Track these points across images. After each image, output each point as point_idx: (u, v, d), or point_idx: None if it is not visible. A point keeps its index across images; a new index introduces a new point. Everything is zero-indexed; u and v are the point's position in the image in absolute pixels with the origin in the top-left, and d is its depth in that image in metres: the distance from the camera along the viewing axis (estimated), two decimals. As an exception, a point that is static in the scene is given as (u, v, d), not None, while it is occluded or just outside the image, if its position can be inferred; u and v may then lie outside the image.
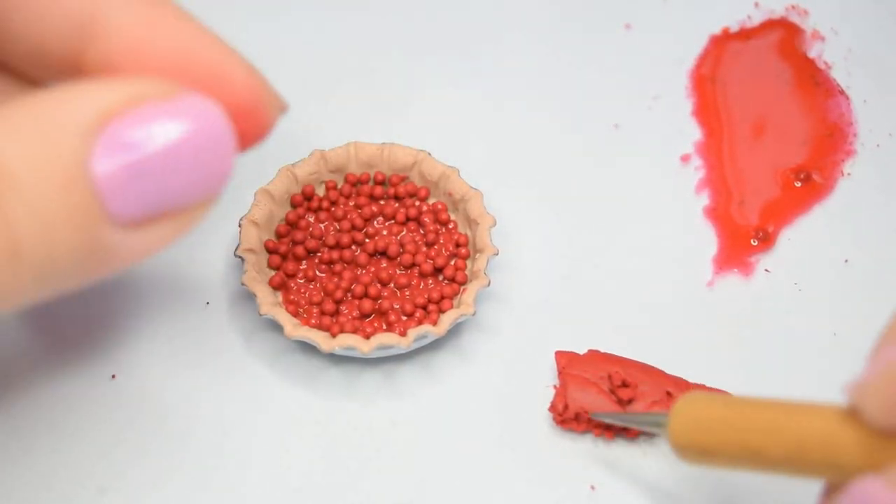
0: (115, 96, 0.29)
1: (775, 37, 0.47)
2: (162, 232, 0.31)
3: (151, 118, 0.29)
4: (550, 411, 0.39)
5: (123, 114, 0.29)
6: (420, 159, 0.42)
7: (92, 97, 0.29)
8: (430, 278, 0.40)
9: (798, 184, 0.44)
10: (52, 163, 0.28)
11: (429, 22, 0.47)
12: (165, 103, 0.30)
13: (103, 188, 0.29)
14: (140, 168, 0.29)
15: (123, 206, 0.30)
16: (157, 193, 0.30)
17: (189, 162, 0.30)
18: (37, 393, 0.39)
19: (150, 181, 0.30)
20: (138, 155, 0.29)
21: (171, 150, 0.30)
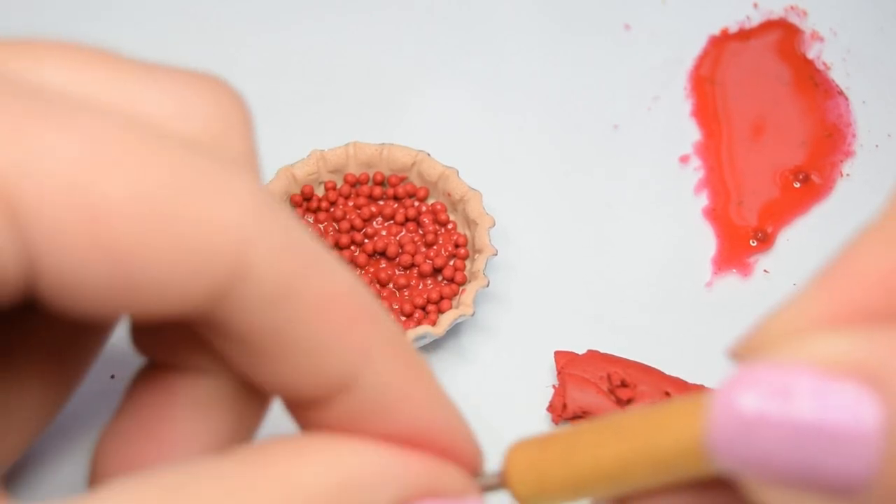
0: (417, 478, 0.28)
1: (774, 37, 0.47)
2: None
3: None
4: (549, 411, 0.39)
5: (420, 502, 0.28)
6: (419, 160, 0.42)
7: (393, 479, 0.28)
8: (429, 279, 0.40)
9: (797, 184, 0.44)
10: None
11: (428, 23, 0.47)
12: (457, 501, 0.29)
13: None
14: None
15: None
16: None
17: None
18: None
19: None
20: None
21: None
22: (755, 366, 0.23)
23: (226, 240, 0.25)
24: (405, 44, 0.47)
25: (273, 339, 0.27)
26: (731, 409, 0.23)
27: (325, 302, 0.27)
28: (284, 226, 0.26)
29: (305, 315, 0.27)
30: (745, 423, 0.22)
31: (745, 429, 0.22)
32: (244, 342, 0.27)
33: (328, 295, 0.27)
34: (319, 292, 0.27)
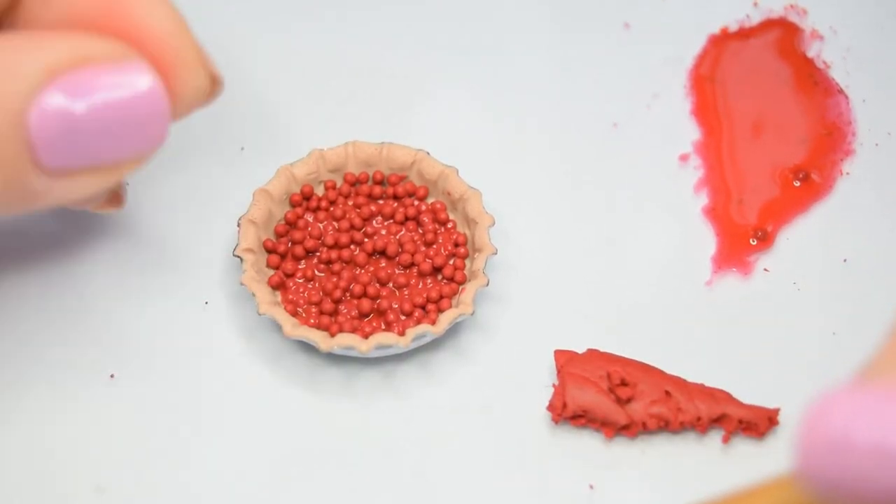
0: (64, 54, 0.30)
1: (774, 36, 0.47)
2: (87, 182, 0.32)
3: (93, 80, 0.30)
4: (549, 410, 0.39)
5: (68, 72, 0.30)
6: (419, 159, 0.42)
7: (42, 51, 0.30)
8: (429, 278, 0.40)
9: (797, 183, 0.44)
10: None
11: (427, 21, 0.47)
12: (109, 67, 0.31)
13: (36, 140, 0.30)
14: (74, 126, 0.30)
15: (52, 158, 0.31)
16: (86, 151, 0.31)
17: (122, 127, 0.31)
18: (36, 392, 0.39)
19: (82, 139, 0.31)
20: (74, 113, 0.30)
21: (105, 114, 0.31)
22: (852, 387, 0.22)
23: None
24: (405, 43, 0.47)
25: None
26: (823, 429, 0.22)
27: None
28: None
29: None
30: (837, 443, 0.22)
31: (837, 446, 0.22)
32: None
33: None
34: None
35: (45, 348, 0.40)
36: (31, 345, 0.40)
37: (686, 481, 0.38)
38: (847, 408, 0.22)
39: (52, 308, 0.40)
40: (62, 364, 0.40)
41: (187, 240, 0.42)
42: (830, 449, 0.22)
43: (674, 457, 0.39)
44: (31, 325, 0.40)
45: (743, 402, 0.39)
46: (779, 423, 0.39)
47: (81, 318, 0.41)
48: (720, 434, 0.39)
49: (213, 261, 0.42)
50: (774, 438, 0.39)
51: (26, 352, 0.40)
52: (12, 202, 0.31)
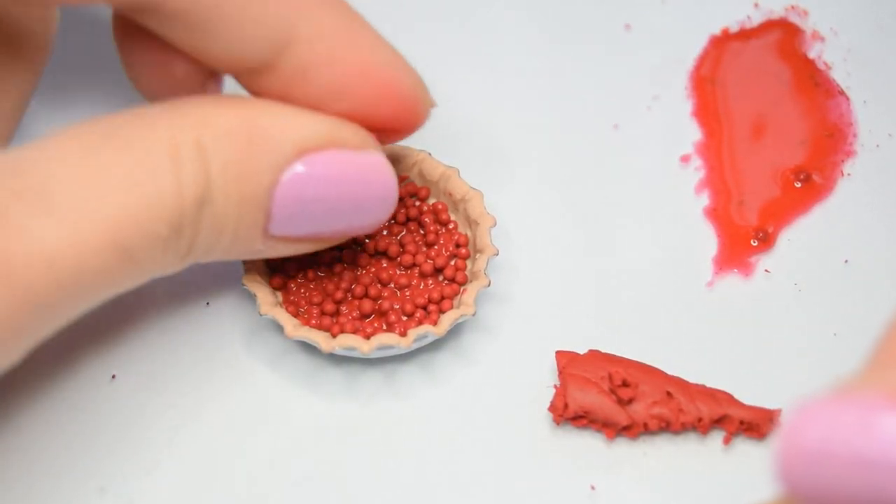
0: (318, 133, 0.33)
1: (775, 37, 0.47)
2: (303, 247, 0.35)
3: (339, 164, 0.33)
4: (550, 411, 0.39)
5: (318, 152, 0.33)
6: (420, 159, 0.42)
7: (297, 128, 0.32)
8: (431, 278, 0.40)
9: (798, 184, 0.44)
10: (245, 182, 0.32)
11: (428, 21, 0.47)
12: (356, 154, 0.33)
13: (275, 212, 0.33)
14: (312, 205, 0.33)
15: (283, 229, 0.33)
16: (312, 224, 0.34)
17: (352, 211, 0.34)
18: (37, 393, 0.39)
19: (315, 217, 0.33)
20: (315, 193, 0.33)
21: (343, 198, 0.33)
22: (833, 396, 0.22)
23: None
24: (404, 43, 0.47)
25: (211, 12, 0.31)
26: (797, 443, 0.22)
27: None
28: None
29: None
30: (818, 452, 0.22)
31: (813, 461, 0.22)
32: (179, 18, 0.31)
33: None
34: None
35: (46, 348, 0.40)
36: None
37: (687, 482, 0.38)
38: (826, 418, 0.22)
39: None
40: (62, 364, 0.40)
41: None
42: (810, 460, 0.22)
43: (675, 458, 0.39)
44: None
45: (744, 403, 0.39)
46: (780, 424, 0.39)
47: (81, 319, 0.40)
48: (721, 435, 0.39)
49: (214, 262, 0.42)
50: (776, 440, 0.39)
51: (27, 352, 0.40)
52: (233, 254, 0.34)
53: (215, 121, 0.31)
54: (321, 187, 0.33)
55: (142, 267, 0.31)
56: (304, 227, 0.33)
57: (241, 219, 0.32)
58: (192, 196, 0.31)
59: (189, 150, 0.31)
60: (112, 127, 0.31)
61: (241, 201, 0.32)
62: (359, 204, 0.34)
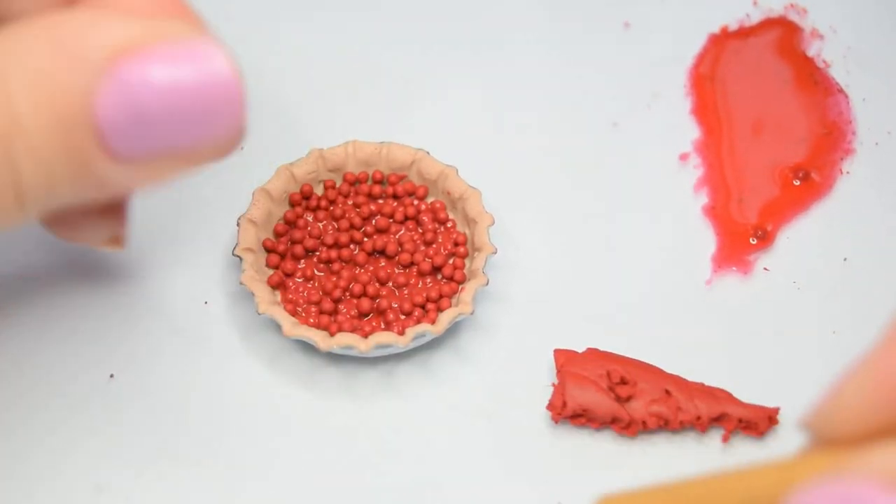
0: (130, 33, 0.29)
1: (774, 35, 0.47)
2: (160, 168, 0.30)
3: (160, 60, 0.29)
4: (548, 409, 0.39)
5: (134, 53, 0.29)
6: (418, 158, 0.42)
7: (106, 32, 0.29)
8: (429, 277, 0.40)
9: (797, 182, 0.44)
10: (58, 102, 0.28)
11: (427, 20, 0.47)
12: (177, 46, 0.29)
13: (105, 128, 0.29)
14: (142, 111, 0.29)
15: (123, 145, 0.29)
16: (156, 136, 0.29)
17: (193, 111, 0.29)
18: (36, 392, 0.39)
19: (151, 124, 0.29)
20: (142, 97, 0.29)
21: (175, 97, 0.29)
22: (827, 484, 0.23)
23: None
24: (404, 42, 0.47)
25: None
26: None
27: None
28: None
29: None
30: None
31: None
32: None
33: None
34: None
35: (46, 348, 0.40)
36: (31, 345, 0.40)
37: (686, 480, 0.38)
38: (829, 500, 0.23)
39: (52, 308, 0.40)
40: (62, 364, 0.40)
41: (187, 239, 0.42)
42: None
43: (673, 456, 0.39)
44: (32, 324, 0.40)
45: (743, 401, 0.39)
46: (778, 423, 0.39)
47: (81, 318, 0.41)
48: (720, 433, 0.39)
49: (212, 260, 0.42)
50: (774, 438, 0.39)
51: (27, 352, 0.40)
52: (83, 190, 0.30)
53: (13, 34, 0.28)
54: (151, 90, 0.29)
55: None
56: (147, 141, 0.29)
57: (67, 143, 0.29)
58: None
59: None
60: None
61: (59, 123, 0.28)
62: (199, 102, 0.29)
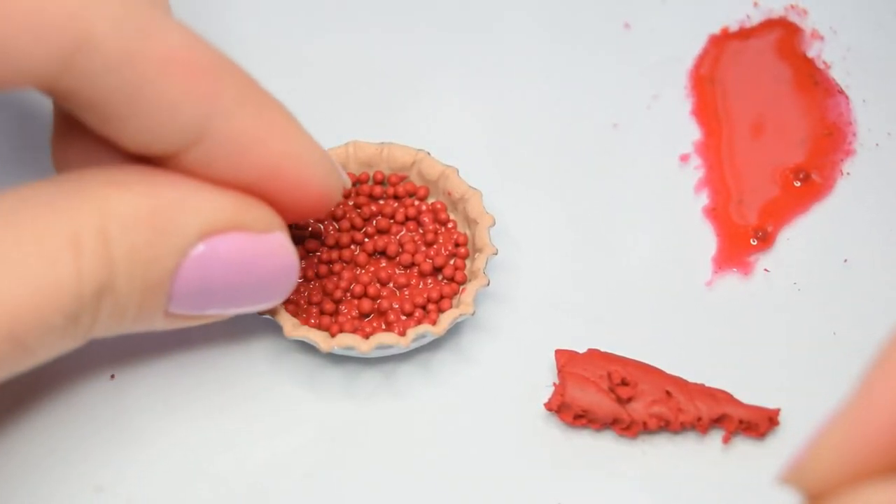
0: (222, 215, 0.32)
1: (774, 36, 0.47)
2: (204, 321, 0.34)
3: (242, 247, 0.32)
4: (548, 409, 0.39)
5: (222, 234, 0.32)
6: (419, 159, 0.42)
7: (202, 211, 0.31)
8: (430, 278, 0.40)
9: (797, 183, 0.44)
10: (150, 272, 0.31)
11: (428, 21, 0.47)
12: (259, 237, 0.33)
13: (175, 294, 0.32)
14: (213, 286, 0.32)
15: (182, 307, 0.33)
16: (216, 305, 0.33)
17: (253, 292, 0.33)
18: (36, 392, 0.39)
19: (216, 297, 0.33)
20: (216, 275, 0.32)
21: (244, 279, 0.33)
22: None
23: (66, 12, 0.28)
24: (405, 43, 0.47)
25: (122, 102, 0.30)
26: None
27: (166, 61, 0.30)
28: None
29: (148, 76, 0.30)
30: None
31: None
32: (96, 107, 0.30)
33: (169, 54, 0.30)
34: (160, 53, 0.30)
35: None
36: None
37: (686, 481, 0.38)
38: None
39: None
40: (62, 364, 0.40)
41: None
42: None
43: (674, 457, 0.39)
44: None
45: (743, 402, 0.39)
46: (779, 424, 0.39)
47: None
48: (721, 434, 0.39)
49: (213, 261, 0.42)
50: (775, 439, 0.39)
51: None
52: (128, 331, 0.33)
53: (119, 206, 0.30)
54: (222, 269, 0.32)
55: (36, 352, 0.31)
56: (204, 306, 0.33)
57: (143, 303, 0.31)
58: (93, 286, 0.30)
59: (91, 238, 0.30)
60: (9, 208, 0.30)
61: (144, 287, 0.31)
62: (260, 285, 0.34)
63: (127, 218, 0.30)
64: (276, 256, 0.33)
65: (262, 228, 0.33)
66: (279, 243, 0.34)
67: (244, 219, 0.32)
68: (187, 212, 0.31)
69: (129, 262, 0.30)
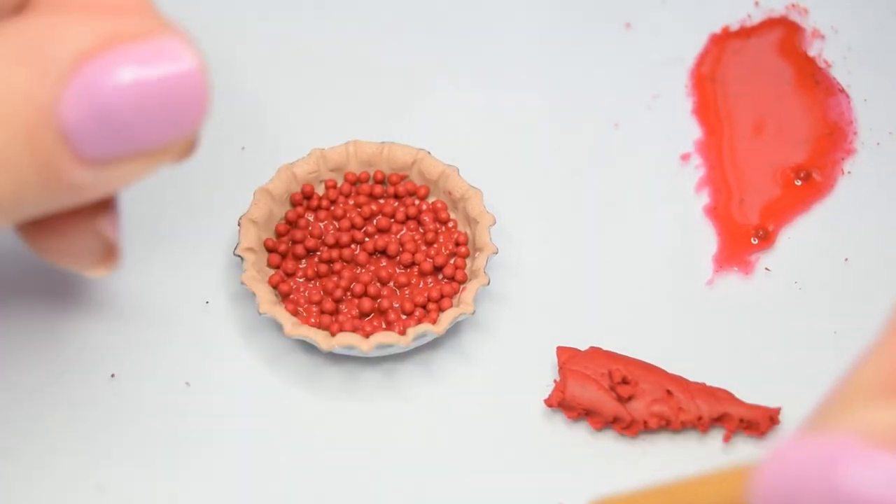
0: (94, 35, 0.29)
1: (775, 35, 0.47)
2: (130, 169, 0.30)
3: (125, 61, 0.29)
4: (548, 405, 0.39)
5: (98, 55, 0.29)
6: (419, 158, 0.42)
7: (70, 35, 0.29)
8: (430, 277, 0.40)
9: (798, 182, 0.44)
10: (23, 111, 0.28)
11: (428, 20, 0.47)
12: (142, 45, 0.29)
13: (70, 131, 0.29)
14: (108, 112, 0.29)
15: (90, 148, 0.29)
16: (124, 137, 0.29)
17: (160, 109, 0.29)
18: (37, 392, 0.39)
19: (119, 125, 0.29)
20: (108, 99, 0.29)
21: (142, 97, 0.29)
22: (803, 435, 0.23)
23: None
24: (405, 42, 0.47)
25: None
26: (776, 478, 0.22)
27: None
28: None
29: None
30: (789, 491, 0.22)
31: (789, 495, 0.22)
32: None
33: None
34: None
35: (46, 348, 0.40)
36: (31, 344, 0.40)
37: (687, 481, 0.38)
38: (795, 459, 0.22)
39: (52, 308, 0.40)
40: (62, 363, 0.40)
41: (188, 239, 0.42)
42: (785, 493, 0.23)
43: (675, 456, 0.39)
44: (32, 324, 0.40)
45: (744, 401, 0.39)
46: (780, 423, 0.39)
47: (81, 318, 0.41)
48: (721, 433, 0.39)
49: (213, 260, 0.42)
50: (776, 438, 0.39)
51: (27, 351, 0.40)
52: (55, 197, 0.30)
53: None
54: (113, 92, 0.29)
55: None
56: (111, 142, 0.29)
57: (34, 149, 0.29)
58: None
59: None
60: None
61: (25, 131, 0.28)
62: (166, 101, 0.29)
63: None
64: (169, 59, 0.29)
65: (146, 32, 0.29)
66: (170, 45, 0.29)
67: (122, 30, 0.29)
68: (56, 37, 0.29)
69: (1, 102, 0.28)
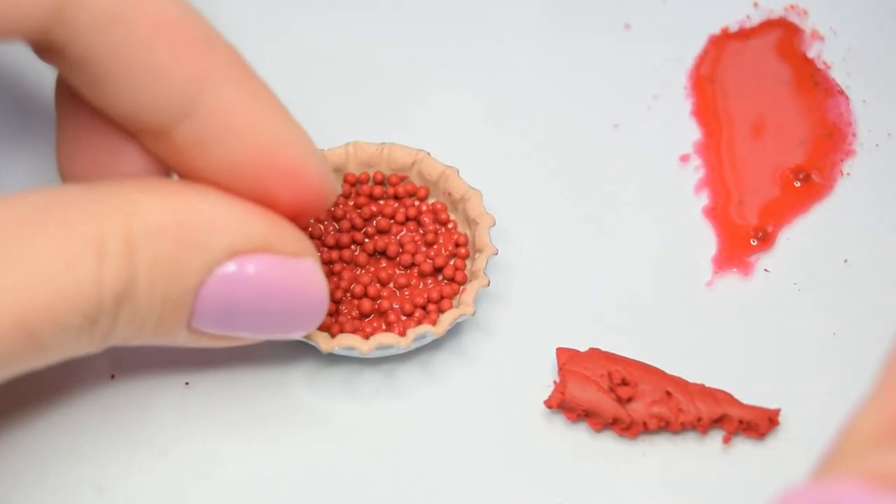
0: (252, 235, 0.31)
1: (774, 37, 0.47)
2: (229, 343, 0.34)
3: (270, 270, 0.32)
4: (547, 405, 0.39)
5: (250, 255, 0.31)
6: (419, 159, 0.42)
7: (230, 230, 0.31)
8: (430, 278, 0.40)
9: (797, 184, 0.44)
10: (172, 285, 0.31)
11: (428, 21, 0.47)
12: (289, 261, 0.32)
13: (198, 310, 0.31)
14: (238, 307, 0.32)
15: (205, 325, 0.32)
16: (236, 325, 0.33)
17: (280, 317, 0.33)
18: (36, 391, 0.39)
19: (241, 319, 0.32)
20: (242, 296, 0.31)
21: (270, 304, 0.32)
22: (810, 483, 0.23)
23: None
24: (405, 43, 0.47)
25: (110, 62, 0.29)
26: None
27: (157, 26, 0.30)
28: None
29: (138, 38, 0.29)
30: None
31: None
32: (84, 66, 0.30)
33: (160, 20, 0.30)
34: (152, 17, 0.29)
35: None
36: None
37: (686, 482, 0.38)
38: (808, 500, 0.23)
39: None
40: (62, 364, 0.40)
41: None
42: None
43: (674, 457, 0.39)
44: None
45: (743, 402, 0.39)
46: (779, 424, 0.39)
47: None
48: (721, 434, 0.39)
49: (213, 261, 0.42)
50: (775, 439, 0.39)
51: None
52: (151, 343, 0.33)
53: (146, 213, 0.30)
54: (248, 291, 0.32)
55: (51, 351, 0.31)
56: (228, 326, 0.33)
57: (162, 315, 0.31)
58: (113, 290, 0.30)
59: (116, 242, 0.30)
60: (37, 207, 0.30)
61: (165, 299, 0.31)
62: (287, 311, 0.33)
63: (154, 227, 0.30)
64: (304, 282, 0.33)
65: (293, 252, 0.32)
66: (309, 269, 0.33)
67: (274, 240, 0.32)
68: (217, 228, 0.31)
69: (152, 272, 0.30)
